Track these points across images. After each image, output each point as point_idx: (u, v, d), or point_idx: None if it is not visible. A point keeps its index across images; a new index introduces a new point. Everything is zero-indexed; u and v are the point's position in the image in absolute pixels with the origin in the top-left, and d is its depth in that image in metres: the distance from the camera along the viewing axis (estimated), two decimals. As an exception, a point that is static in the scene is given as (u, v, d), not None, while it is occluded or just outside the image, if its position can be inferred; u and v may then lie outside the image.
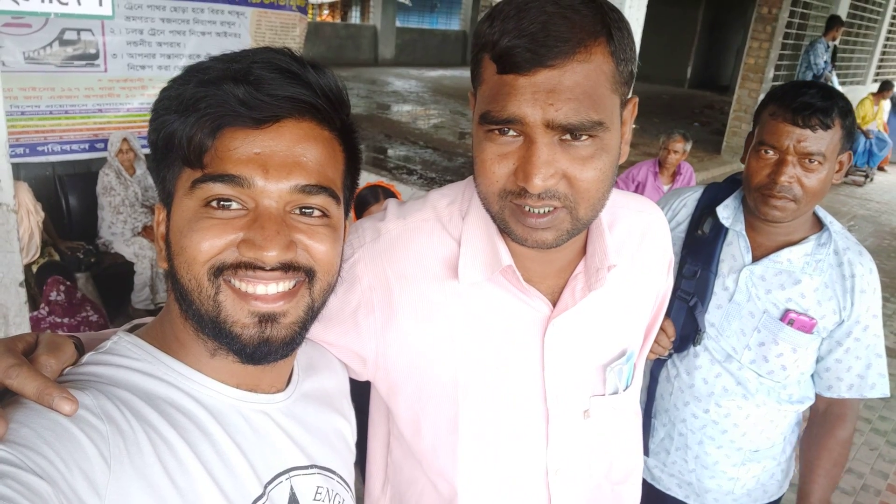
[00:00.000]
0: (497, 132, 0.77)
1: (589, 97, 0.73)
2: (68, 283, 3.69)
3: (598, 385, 0.97)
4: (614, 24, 0.75)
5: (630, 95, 0.83)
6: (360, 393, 1.05)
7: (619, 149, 0.82)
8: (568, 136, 0.75)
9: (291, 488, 0.77)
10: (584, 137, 0.75)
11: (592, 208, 0.80)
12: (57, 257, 4.04)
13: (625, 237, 0.98)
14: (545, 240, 0.80)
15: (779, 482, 1.69)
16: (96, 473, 0.60)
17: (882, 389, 1.51)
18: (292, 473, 0.78)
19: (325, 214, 0.73)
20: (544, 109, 0.72)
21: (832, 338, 1.50)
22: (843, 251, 1.49)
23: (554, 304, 0.92)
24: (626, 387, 1.00)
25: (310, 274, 0.72)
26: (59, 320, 3.58)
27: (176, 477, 0.66)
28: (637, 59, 0.80)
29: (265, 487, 0.74)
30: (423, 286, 0.91)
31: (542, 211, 0.78)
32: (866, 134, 9.83)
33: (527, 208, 0.78)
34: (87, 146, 4.41)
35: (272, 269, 0.69)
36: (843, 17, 10.01)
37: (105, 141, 4.36)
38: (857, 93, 11.35)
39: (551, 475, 0.97)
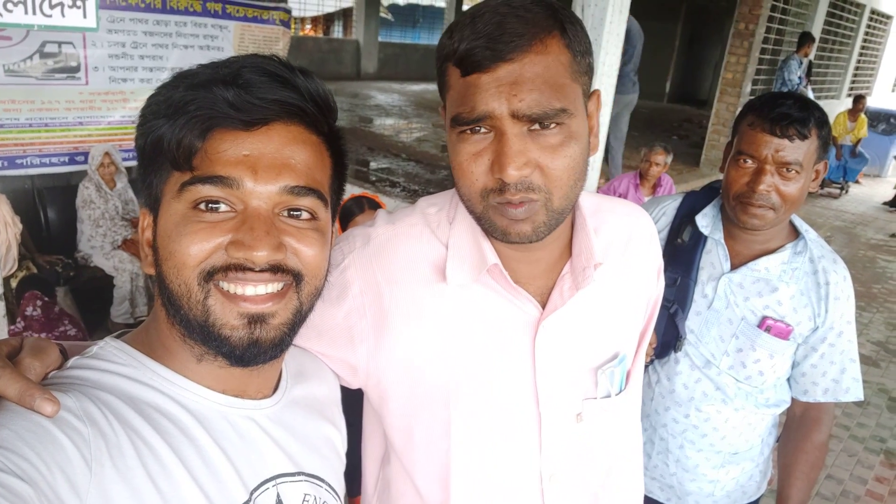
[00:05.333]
0: (469, 132, 0.79)
1: (549, 86, 0.76)
2: (46, 298, 3.64)
3: (591, 388, 0.97)
4: (566, 19, 0.79)
5: (593, 89, 0.86)
6: (351, 404, 1.04)
7: (588, 139, 0.85)
8: (536, 126, 0.77)
9: (278, 495, 0.77)
10: (551, 126, 0.78)
11: (566, 197, 0.82)
12: (35, 271, 3.98)
13: (612, 239, 1.00)
14: (524, 231, 0.82)
15: (757, 483, 1.71)
16: (77, 476, 0.59)
17: (856, 393, 1.54)
18: (279, 480, 0.77)
19: (313, 217, 0.74)
20: (509, 101, 0.75)
21: (807, 344, 1.53)
22: (818, 259, 1.52)
23: (543, 307, 0.93)
24: (620, 391, 1.00)
25: (297, 277, 0.73)
26: (36, 335, 3.53)
27: (159, 481, 0.65)
28: (591, 51, 0.84)
29: (251, 494, 0.73)
30: (412, 289, 0.92)
31: (518, 200, 0.80)
32: (838, 150, 10.02)
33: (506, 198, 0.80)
34: (66, 159, 4.36)
35: (261, 271, 0.69)
36: (818, 32, 10.21)
37: (85, 154, 4.32)
38: (832, 107, 11.58)
39: (545, 481, 0.96)
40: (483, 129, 0.79)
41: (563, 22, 0.78)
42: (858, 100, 10.16)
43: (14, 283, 3.73)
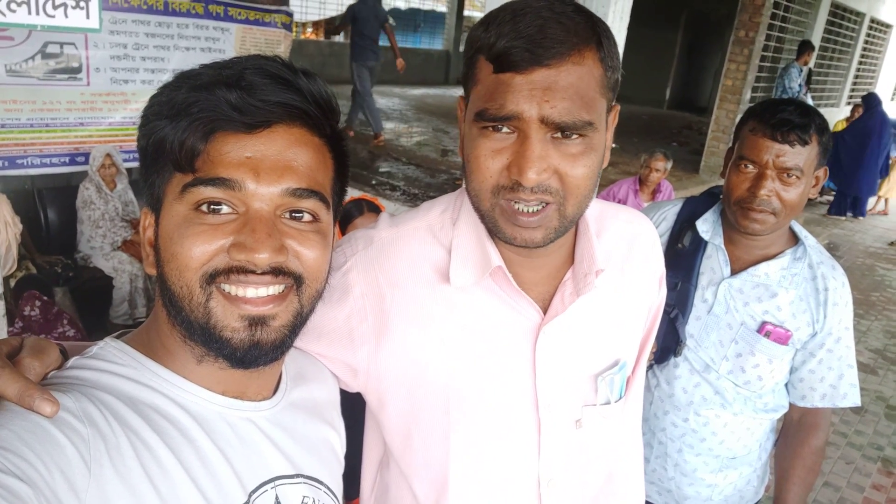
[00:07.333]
0: (492, 129, 0.80)
1: (581, 98, 0.76)
2: (45, 298, 3.63)
3: (591, 394, 0.97)
4: (603, 33, 0.79)
5: (613, 103, 0.87)
6: (351, 407, 1.04)
7: (605, 151, 0.85)
8: (559, 135, 0.78)
9: (276, 497, 0.77)
10: (574, 136, 0.78)
11: (579, 205, 0.83)
12: (34, 271, 3.98)
13: (613, 245, 1.00)
14: (534, 238, 0.82)
15: (755, 488, 1.71)
16: (76, 476, 0.59)
17: (853, 399, 1.54)
18: (277, 482, 0.78)
19: (315, 219, 0.74)
20: (540, 106, 0.76)
21: (806, 349, 1.54)
22: (818, 265, 1.53)
23: (545, 312, 0.93)
24: (619, 398, 0.99)
25: (298, 280, 0.73)
26: (35, 336, 3.51)
27: (158, 482, 0.65)
28: (619, 67, 0.84)
29: (249, 496, 0.74)
30: (414, 292, 0.92)
31: (532, 209, 0.80)
32: None
33: (518, 206, 0.80)
34: (67, 160, 4.36)
35: (263, 273, 0.69)
36: (818, 41, 10.24)
37: (86, 155, 4.32)
38: (831, 115, 11.59)
39: (543, 486, 0.96)
40: (506, 129, 0.79)
41: (600, 35, 0.79)
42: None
43: (13, 284, 3.72)
